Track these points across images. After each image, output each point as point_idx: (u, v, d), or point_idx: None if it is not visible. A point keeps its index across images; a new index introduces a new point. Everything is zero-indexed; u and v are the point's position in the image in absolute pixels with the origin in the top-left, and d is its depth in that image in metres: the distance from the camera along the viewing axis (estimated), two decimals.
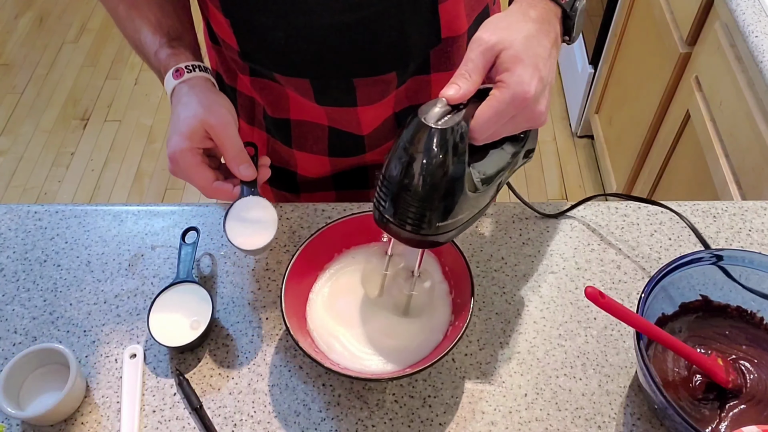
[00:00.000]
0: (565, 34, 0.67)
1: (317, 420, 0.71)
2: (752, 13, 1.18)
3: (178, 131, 0.71)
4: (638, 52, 1.79)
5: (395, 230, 0.62)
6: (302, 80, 0.81)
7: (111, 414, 0.72)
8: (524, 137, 0.67)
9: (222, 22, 0.79)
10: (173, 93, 0.76)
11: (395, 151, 0.59)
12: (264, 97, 0.88)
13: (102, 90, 2.68)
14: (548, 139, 2.41)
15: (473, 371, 0.74)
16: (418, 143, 0.57)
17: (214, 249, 0.85)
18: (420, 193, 0.58)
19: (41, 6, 3.03)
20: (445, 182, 0.58)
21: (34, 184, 2.36)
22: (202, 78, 0.76)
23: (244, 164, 0.74)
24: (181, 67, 0.75)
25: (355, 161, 0.94)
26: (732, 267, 0.71)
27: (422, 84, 0.84)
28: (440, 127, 0.57)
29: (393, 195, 0.60)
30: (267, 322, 0.78)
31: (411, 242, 0.63)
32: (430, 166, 0.57)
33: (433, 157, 0.57)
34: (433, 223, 0.60)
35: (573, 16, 0.66)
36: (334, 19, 0.74)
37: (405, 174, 0.58)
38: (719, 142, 1.30)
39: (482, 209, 0.65)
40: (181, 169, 0.72)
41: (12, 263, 0.84)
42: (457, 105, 0.59)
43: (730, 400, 0.68)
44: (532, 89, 0.59)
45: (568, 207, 0.87)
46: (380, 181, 0.61)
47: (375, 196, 0.63)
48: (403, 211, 0.60)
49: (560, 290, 0.81)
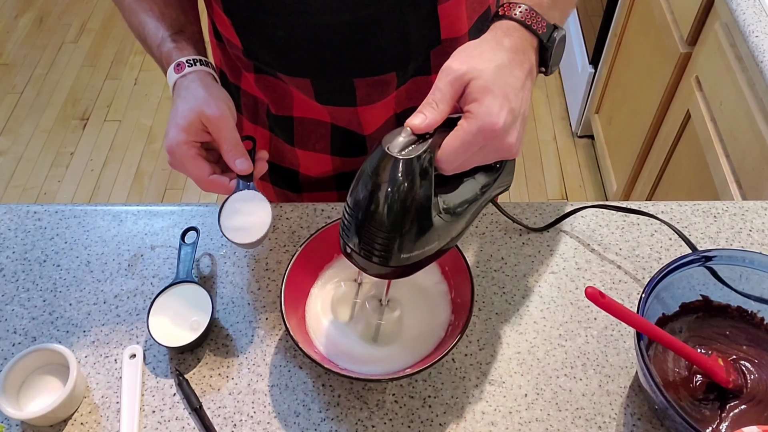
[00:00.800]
0: (542, 65, 0.65)
1: (317, 420, 0.71)
2: (752, 13, 1.18)
3: (176, 124, 0.72)
4: (638, 52, 1.79)
5: (362, 261, 0.61)
6: (303, 80, 0.81)
7: (111, 414, 0.72)
8: (499, 167, 0.65)
9: (225, 21, 0.79)
10: (174, 87, 0.76)
11: (359, 181, 0.58)
12: (268, 95, 0.88)
13: (102, 90, 2.68)
14: (548, 139, 2.41)
15: (473, 371, 0.74)
16: (382, 173, 0.56)
17: (213, 249, 0.85)
18: (385, 224, 0.57)
19: (41, 6, 3.03)
20: (411, 213, 0.57)
21: (33, 184, 2.36)
22: (203, 72, 0.76)
23: (241, 158, 0.73)
24: (182, 61, 0.75)
25: (357, 162, 0.94)
26: (728, 268, 0.71)
27: (423, 85, 0.84)
28: (403, 157, 0.55)
29: (358, 226, 0.58)
30: (267, 322, 0.78)
31: (377, 274, 0.62)
32: (395, 197, 0.56)
33: (398, 188, 0.56)
34: (400, 255, 0.59)
35: (550, 47, 0.63)
36: (333, 19, 0.74)
37: (369, 204, 0.57)
38: (719, 142, 1.30)
39: (453, 239, 0.63)
40: (178, 162, 0.72)
41: (12, 263, 0.84)
42: (423, 135, 0.57)
43: (731, 400, 0.68)
44: (500, 121, 0.57)
45: (557, 219, 0.86)
46: (345, 211, 0.60)
47: (340, 227, 0.61)
48: (368, 243, 0.58)
49: (560, 290, 0.81)
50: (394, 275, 0.63)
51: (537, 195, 2.25)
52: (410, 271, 0.62)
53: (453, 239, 0.63)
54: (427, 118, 0.57)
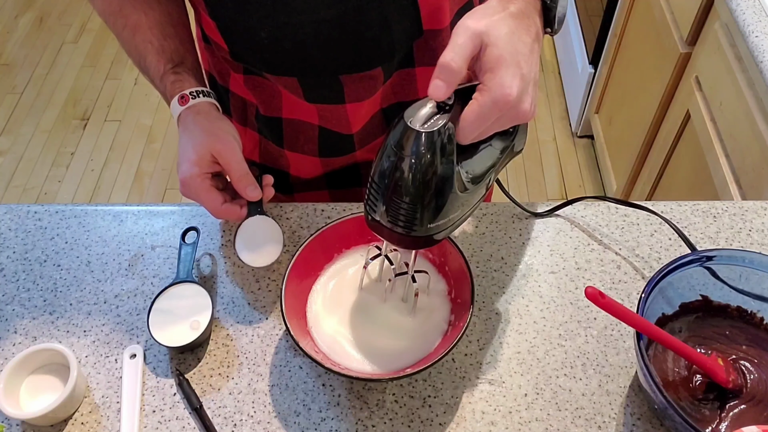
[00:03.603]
0: (547, 26, 0.66)
1: (317, 420, 0.71)
2: (752, 13, 1.18)
3: (188, 159, 0.76)
4: (638, 52, 1.79)
5: (387, 232, 0.62)
6: (290, 78, 0.82)
7: (111, 414, 0.72)
8: (513, 132, 0.67)
9: (211, 24, 0.80)
10: (179, 119, 0.80)
11: (383, 155, 0.59)
12: (257, 96, 0.88)
13: (102, 90, 2.68)
14: (548, 139, 2.41)
15: (473, 371, 0.74)
16: (405, 147, 0.57)
17: (214, 249, 0.85)
18: (410, 195, 0.59)
19: (41, 6, 3.03)
20: (435, 183, 0.59)
21: (34, 184, 2.36)
22: (207, 103, 0.80)
23: (251, 186, 0.78)
24: (186, 94, 0.79)
25: (345, 160, 0.95)
26: (728, 267, 0.71)
27: (407, 78, 0.85)
28: (426, 130, 0.57)
29: (383, 198, 0.60)
30: (267, 322, 0.78)
31: (403, 243, 0.64)
32: (419, 169, 0.57)
33: (422, 160, 0.57)
34: (425, 224, 0.61)
35: (553, 7, 0.65)
36: (314, 16, 0.74)
37: (394, 177, 0.59)
38: (719, 142, 1.30)
39: (473, 206, 0.66)
40: (192, 193, 0.77)
41: (12, 263, 0.84)
42: (443, 105, 0.59)
43: (731, 400, 0.68)
44: (514, 91, 0.58)
45: (559, 205, 0.87)
46: (369, 184, 0.61)
47: (365, 200, 0.63)
48: (394, 213, 0.60)
49: (560, 290, 0.81)
50: (419, 245, 0.64)
51: (537, 195, 2.25)
52: (435, 240, 0.63)
53: (475, 205, 0.66)
54: (445, 83, 0.58)
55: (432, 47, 0.82)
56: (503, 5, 0.62)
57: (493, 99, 0.58)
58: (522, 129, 0.68)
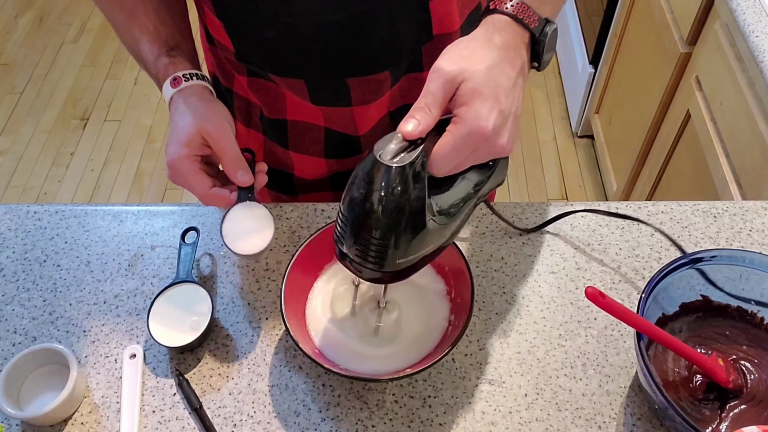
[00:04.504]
0: (534, 60, 0.64)
1: (317, 420, 0.71)
2: (752, 13, 1.18)
3: (177, 139, 0.73)
4: (638, 52, 1.79)
5: (356, 267, 0.61)
6: (297, 80, 0.81)
7: (111, 414, 0.72)
8: (492, 165, 0.65)
9: (217, 24, 0.79)
10: (171, 101, 0.76)
11: (352, 189, 0.58)
12: (261, 98, 0.88)
13: (102, 90, 2.68)
14: (548, 139, 2.41)
15: (473, 371, 0.74)
16: (374, 181, 0.56)
17: (214, 249, 0.85)
18: (379, 230, 0.57)
19: (41, 6, 3.03)
20: (405, 219, 0.57)
21: (33, 184, 2.36)
22: (200, 86, 0.77)
23: (242, 170, 0.75)
24: (179, 76, 0.76)
25: (351, 162, 0.94)
26: (729, 268, 0.71)
27: (415, 82, 0.84)
28: (396, 164, 0.55)
29: (352, 233, 0.59)
30: (267, 322, 0.78)
31: (372, 279, 0.62)
32: (388, 204, 0.56)
33: (391, 195, 0.56)
34: (395, 260, 0.59)
35: (542, 41, 0.63)
36: (323, 18, 0.73)
37: (363, 211, 0.57)
38: (719, 142, 1.30)
39: (447, 240, 0.63)
40: (180, 176, 0.74)
41: (12, 263, 0.84)
42: (415, 140, 0.57)
43: (731, 400, 0.68)
44: (489, 125, 0.57)
45: (544, 222, 0.86)
46: (339, 219, 0.60)
47: (334, 234, 0.61)
48: (362, 249, 0.59)
49: (560, 290, 0.81)
50: (389, 279, 0.63)
51: (537, 195, 2.25)
52: (405, 274, 0.62)
53: (447, 240, 0.63)
54: (420, 123, 0.57)
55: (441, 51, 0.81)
56: (488, 36, 0.60)
57: (468, 131, 0.57)
58: (502, 163, 0.66)
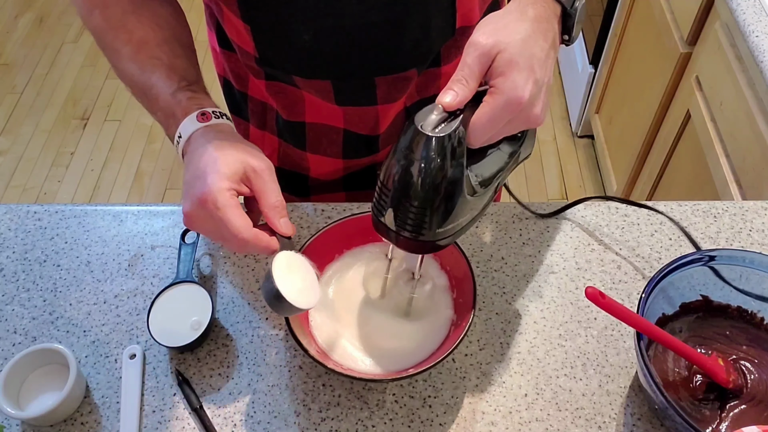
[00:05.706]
0: (564, 33, 0.66)
1: (317, 420, 0.71)
2: (752, 13, 1.18)
3: (216, 170, 0.64)
4: (638, 52, 1.79)
5: (394, 237, 0.62)
6: (323, 82, 0.80)
7: (111, 414, 0.72)
8: (522, 136, 0.67)
9: (240, 29, 0.77)
10: (193, 136, 0.69)
11: (393, 159, 0.59)
12: (279, 102, 0.87)
13: (102, 90, 2.67)
14: (548, 139, 2.41)
15: (473, 371, 0.74)
16: (415, 151, 0.57)
17: (214, 249, 0.85)
18: (419, 199, 0.58)
19: (41, 6, 3.03)
20: (444, 188, 0.58)
21: (33, 184, 2.36)
22: (229, 125, 0.72)
23: (285, 217, 0.67)
24: (208, 111, 0.70)
25: (367, 161, 0.94)
26: (729, 267, 0.71)
27: (431, 77, 0.84)
28: (437, 134, 0.57)
29: (392, 202, 0.60)
30: (267, 322, 0.78)
31: (410, 248, 0.63)
32: (429, 173, 0.57)
33: (432, 165, 0.57)
34: (433, 229, 0.60)
35: (573, 14, 0.65)
36: (362, 20, 0.73)
37: (404, 181, 0.58)
38: (719, 142, 1.30)
39: (481, 211, 0.65)
40: (217, 210, 0.63)
41: (12, 263, 0.84)
42: (454, 111, 0.59)
43: (731, 400, 0.68)
44: (526, 94, 0.58)
45: (564, 206, 0.87)
46: (378, 188, 0.61)
47: (373, 204, 0.62)
48: (402, 218, 0.60)
49: (560, 290, 0.81)
50: (427, 249, 0.64)
51: (537, 195, 2.25)
52: (442, 245, 0.63)
53: (483, 209, 0.65)
54: (458, 95, 0.58)
55: (459, 44, 0.81)
56: (521, 8, 0.62)
57: (505, 101, 0.58)
58: (530, 134, 0.68)
